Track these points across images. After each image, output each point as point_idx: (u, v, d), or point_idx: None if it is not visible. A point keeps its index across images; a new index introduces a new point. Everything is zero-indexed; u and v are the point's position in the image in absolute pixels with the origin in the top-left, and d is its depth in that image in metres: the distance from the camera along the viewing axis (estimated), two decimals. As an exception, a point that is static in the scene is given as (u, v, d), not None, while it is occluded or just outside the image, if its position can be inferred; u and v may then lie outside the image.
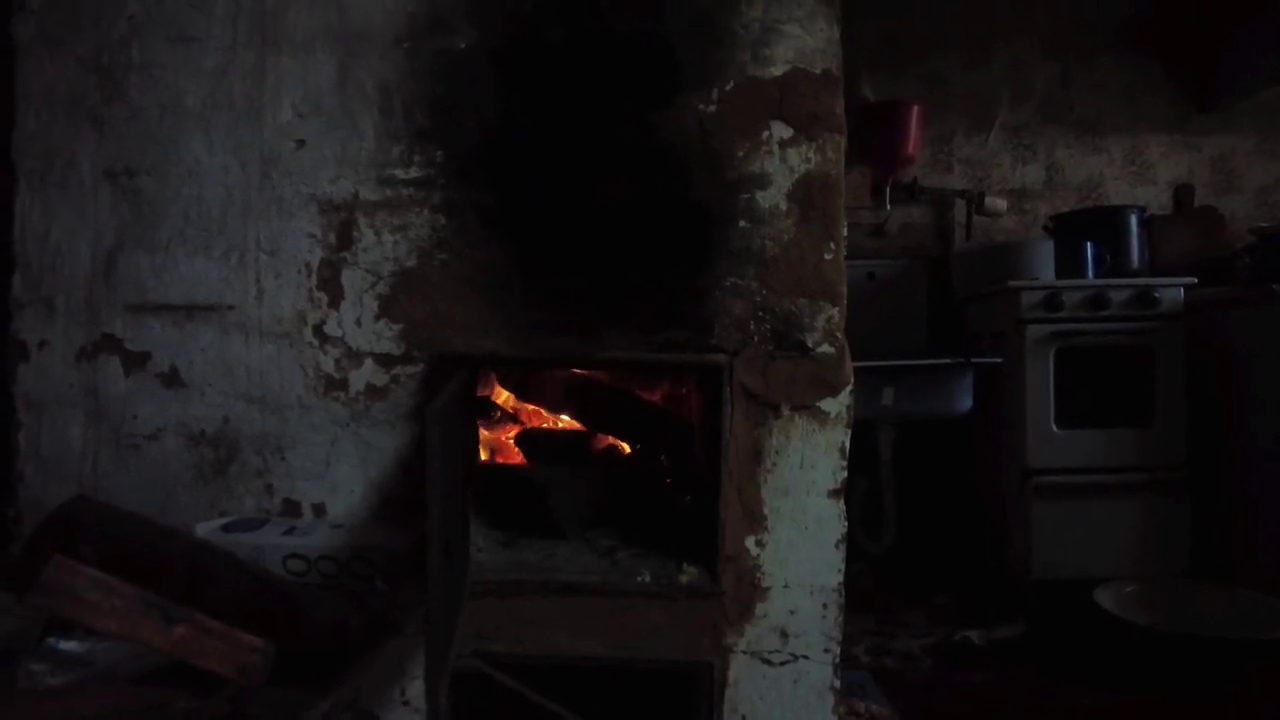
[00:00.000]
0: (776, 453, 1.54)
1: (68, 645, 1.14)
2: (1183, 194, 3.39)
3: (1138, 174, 3.42)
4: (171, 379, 1.61)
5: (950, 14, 3.38)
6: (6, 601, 1.11)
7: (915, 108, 3.19)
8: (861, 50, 3.20)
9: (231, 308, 1.60)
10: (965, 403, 2.68)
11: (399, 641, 1.31)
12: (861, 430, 1.58)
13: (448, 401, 1.16)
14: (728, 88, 1.54)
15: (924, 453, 3.05)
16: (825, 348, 1.54)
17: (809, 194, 1.53)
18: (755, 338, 1.54)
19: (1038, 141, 3.43)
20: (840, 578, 1.54)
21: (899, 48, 3.39)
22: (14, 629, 1.07)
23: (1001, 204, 3.32)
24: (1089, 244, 2.92)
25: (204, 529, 1.51)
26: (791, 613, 1.54)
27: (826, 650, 1.54)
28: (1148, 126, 3.41)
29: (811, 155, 1.53)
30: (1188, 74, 3.38)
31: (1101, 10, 3.39)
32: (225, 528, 1.52)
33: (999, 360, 2.73)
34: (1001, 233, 3.38)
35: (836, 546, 1.54)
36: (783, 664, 1.54)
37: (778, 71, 1.54)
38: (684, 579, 1.53)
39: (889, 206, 3.34)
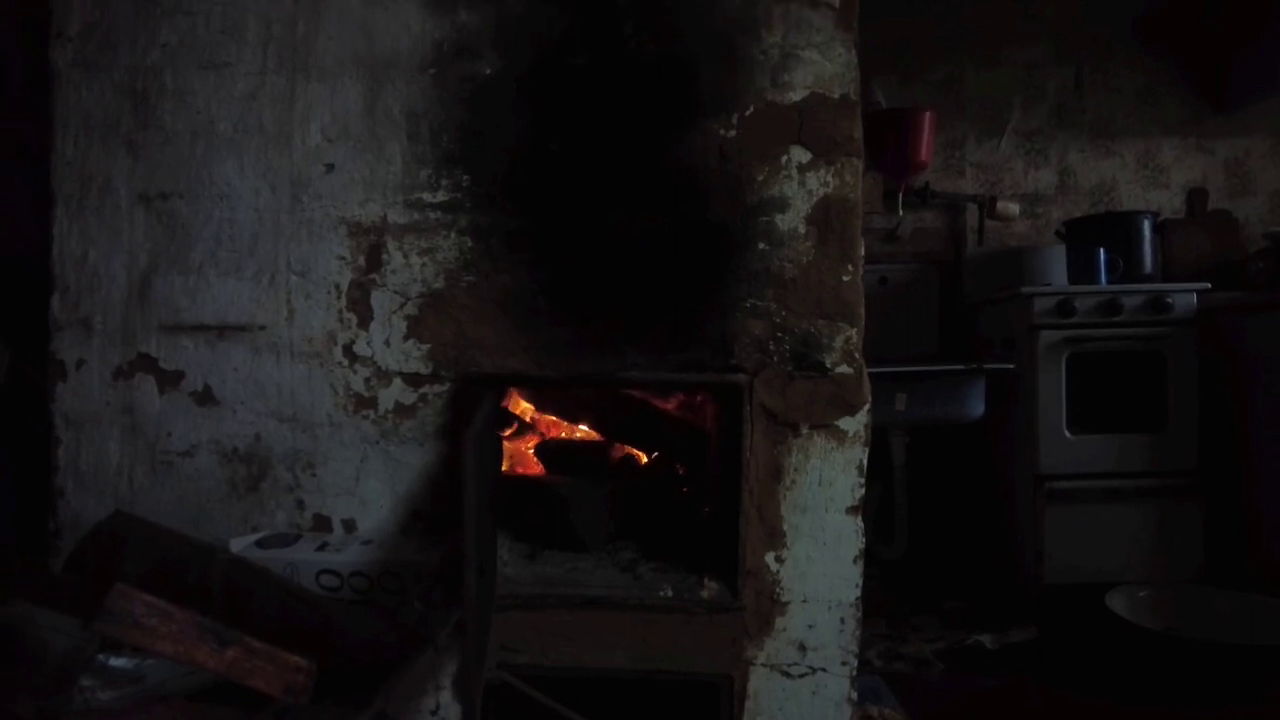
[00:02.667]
0: (796, 470, 1.57)
1: (118, 662, 1.19)
2: (1196, 198, 3.40)
3: (1150, 178, 3.43)
4: (205, 397, 1.66)
5: (963, 19, 3.40)
6: (60, 621, 1.16)
7: (927, 114, 3.20)
8: (874, 55, 3.21)
9: (263, 328, 1.65)
10: (978, 408, 2.70)
11: (430, 655, 1.35)
12: (874, 436, 1.61)
13: (482, 428, 1.19)
14: (748, 113, 1.57)
15: (936, 458, 3.07)
16: (844, 368, 1.57)
17: (827, 217, 1.57)
18: (775, 358, 1.58)
19: (1050, 146, 3.44)
20: (858, 592, 1.58)
21: (912, 52, 3.41)
22: (67, 648, 1.11)
23: (1014, 208, 3.33)
24: (1101, 250, 2.91)
25: (238, 544, 1.56)
26: (810, 627, 1.58)
27: (844, 663, 1.58)
28: (1161, 130, 3.42)
29: (830, 179, 1.56)
30: (1201, 76, 3.38)
31: (1114, 12, 3.39)
32: (259, 543, 1.56)
33: (1011, 366, 2.75)
34: (1014, 237, 3.40)
35: (854, 562, 1.58)
36: (801, 676, 1.58)
37: (797, 97, 1.57)
38: (705, 594, 1.57)
39: (901, 211, 3.36)
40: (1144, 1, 3.38)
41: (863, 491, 1.58)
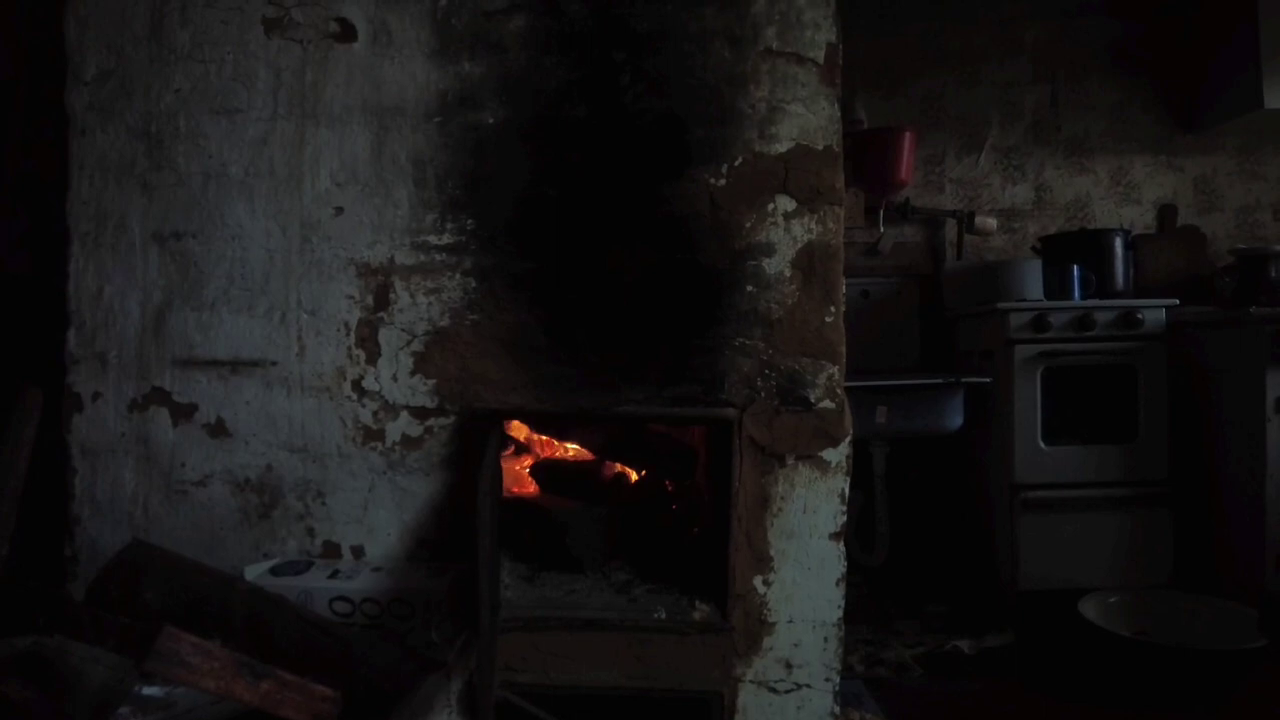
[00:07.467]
0: (782, 499, 1.66)
1: (150, 690, 1.27)
2: (1166, 214, 3.51)
3: (1123, 194, 3.53)
4: (217, 429, 1.73)
5: (943, 37, 3.48)
6: (95, 652, 1.23)
7: (908, 134, 3.28)
8: (856, 73, 3.31)
9: (274, 363, 1.72)
10: (956, 420, 2.79)
11: (442, 678, 1.43)
12: (856, 447, 1.71)
13: (492, 480, 1.27)
14: (736, 163, 1.66)
15: (916, 468, 3.17)
16: (826, 403, 1.67)
17: (811, 262, 1.66)
18: (762, 393, 1.67)
19: (1027, 162, 3.53)
20: (840, 613, 1.67)
21: (893, 70, 3.48)
22: (105, 679, 1.19)
23: (991, 223, 3.42)
24: (1075, 266, 3.00)
25: (252, 571, 1.64)
26: (795, 646, 1.67)
27: (827, 679, 1.67)
28: (1134, 147, 3.51)
29: (813, 226, 1.65)
30: (1172, 96, 3.48)
31: (1090, 35, 3.49)
32: (273, 570, 1.64)
33: (988, 380, 2.84)
34: (991, 251, 3.49)
35: (837, 585, 1.67)
36: (787, 692, 1.67)
37: (782, 148, 1.66)
38: (697, 615, 1.66)
39: (882, 227, 3.45)
40: (1119, 25, 3.48)
41: (844, 519, 1.68)
